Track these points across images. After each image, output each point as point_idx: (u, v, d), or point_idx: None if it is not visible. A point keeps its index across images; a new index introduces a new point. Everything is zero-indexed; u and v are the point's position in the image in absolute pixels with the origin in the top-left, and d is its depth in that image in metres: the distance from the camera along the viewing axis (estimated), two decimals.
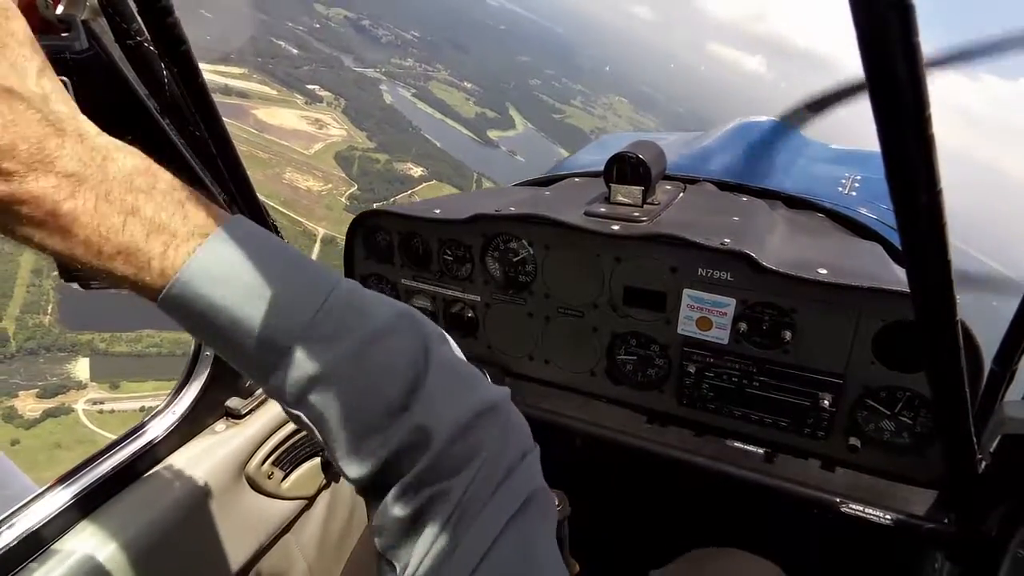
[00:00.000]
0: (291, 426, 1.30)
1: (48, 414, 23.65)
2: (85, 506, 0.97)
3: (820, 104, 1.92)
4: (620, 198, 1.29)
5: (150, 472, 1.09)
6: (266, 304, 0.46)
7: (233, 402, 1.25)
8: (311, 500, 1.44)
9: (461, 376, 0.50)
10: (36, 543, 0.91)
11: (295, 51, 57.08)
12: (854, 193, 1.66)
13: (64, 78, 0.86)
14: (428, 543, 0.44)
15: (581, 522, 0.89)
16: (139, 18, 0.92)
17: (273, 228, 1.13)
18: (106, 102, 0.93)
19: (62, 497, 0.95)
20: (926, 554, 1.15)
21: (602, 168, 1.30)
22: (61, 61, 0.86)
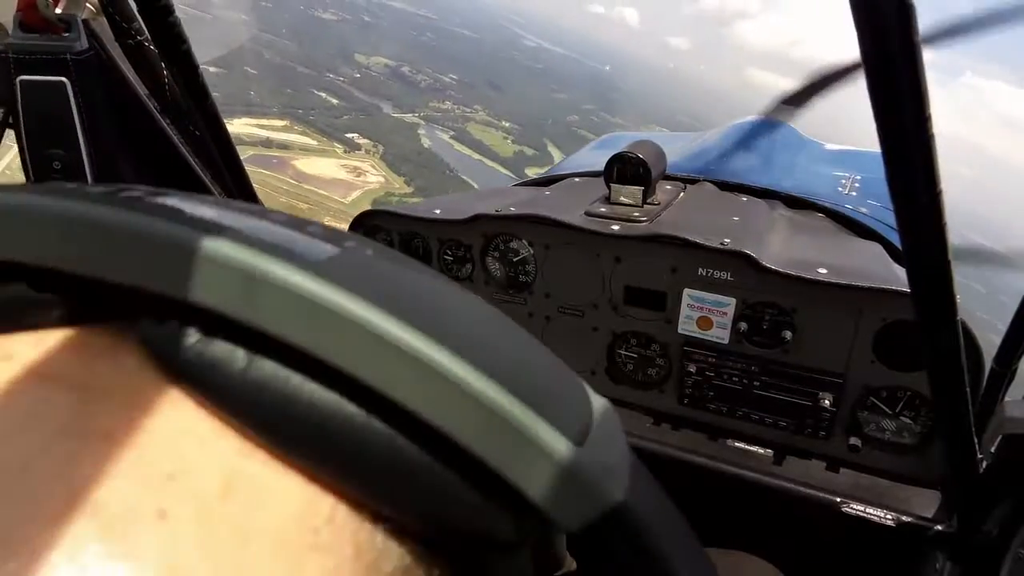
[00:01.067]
0: None
1: None
2: None
3: (801, 96, 1.91)
4: (620, 198, 1.29)
5: None
6: None
7: None
8: None
9: None
10: None
11: (335, 101, 57.19)
12: (854, 193, 1.66)
13: (63, 78, 0.87)
14: None
15: None
16: (139, 18, 0.92)
17: None
18: (106, 102, 0.93)
19: None
20: (927, 554, 1.14)
21: (602, 168, 1.30)
22: (59, 62, 0.86)
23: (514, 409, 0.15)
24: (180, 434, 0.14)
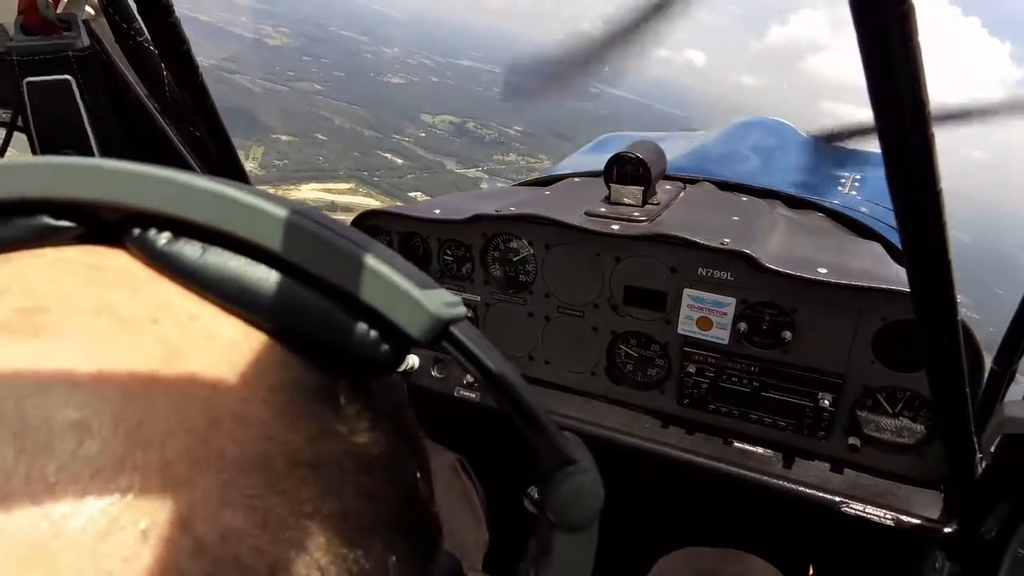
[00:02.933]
0: None
1: None
2: None
3: (840, 136, 1.92)
4: (620, 198, 1.29)
5: None
6: None
7: None
8: None
9: None
10: None
11: (400, 161, 57.96)
12: (854, 193, 1.66)
13: (68, 76, 0.87)
14: None
15: None
16: (139, 18, 0.92)
17: None
18: (106, 102, 0.94)
19: None
20: (926, 554, 1.15)
21: (602, 168, 1.30)
22: (63, 60, 0.86)
23: (383, 268, 0.22)
24: (160, 294, 0.22)
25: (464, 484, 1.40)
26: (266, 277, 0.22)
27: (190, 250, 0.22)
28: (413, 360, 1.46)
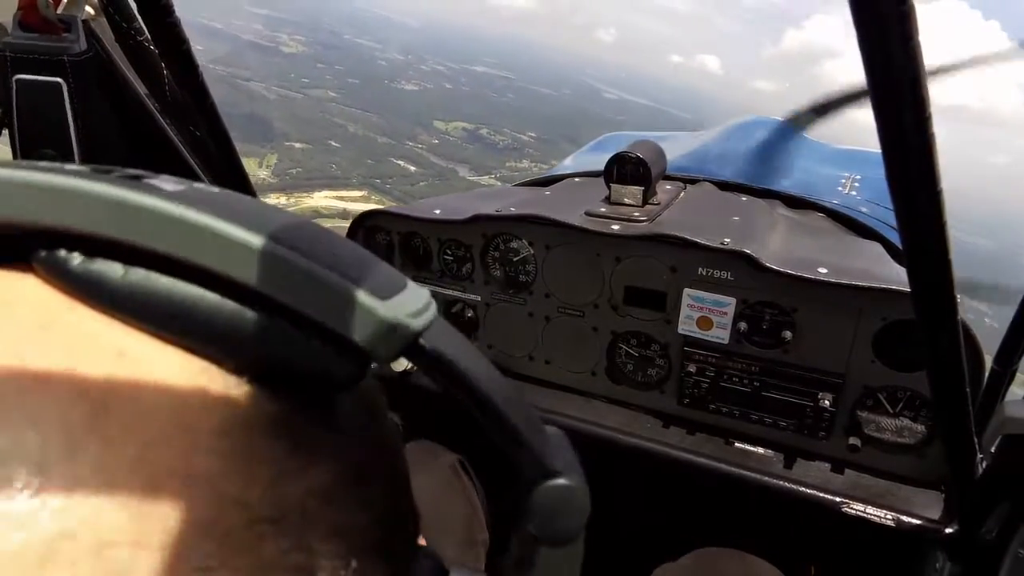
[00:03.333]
0: None
1: None
2: None
3: (826, 107, 1.90)
4: (620, 198, 1.29)
5: None
6: None
7: None
8: None
9: None
10: None
11: (412, 169, 57.87)
12: (854, 193, 1.66)
13: (60, 79, 0.87)
14: None
15: None
16: (139, 18, 0.92)
17: None
18: (106, 102, 0.93)
19: None
20: (927, 554, 1.14)
21: (602, 168, 1.29)
22: (57, 63, 0.86)
23: (333, 279, 0.19)
24: (77, 327, 0.18)
25: (464, 484, 1.39)
26: (201, 297, 0.19)
27: (110, 271, 0.19)
28: None
